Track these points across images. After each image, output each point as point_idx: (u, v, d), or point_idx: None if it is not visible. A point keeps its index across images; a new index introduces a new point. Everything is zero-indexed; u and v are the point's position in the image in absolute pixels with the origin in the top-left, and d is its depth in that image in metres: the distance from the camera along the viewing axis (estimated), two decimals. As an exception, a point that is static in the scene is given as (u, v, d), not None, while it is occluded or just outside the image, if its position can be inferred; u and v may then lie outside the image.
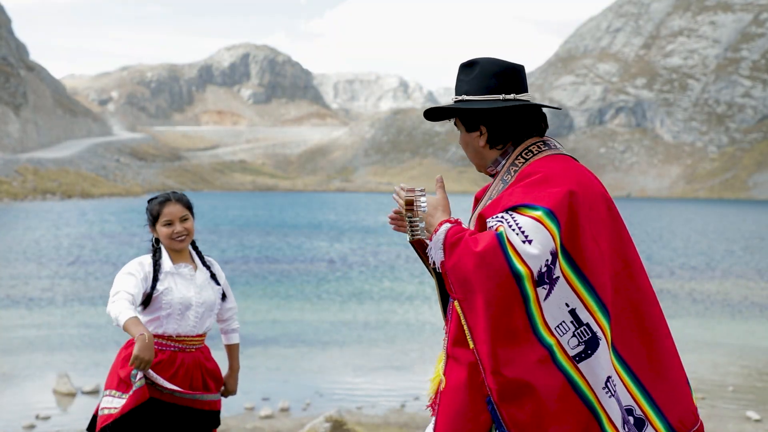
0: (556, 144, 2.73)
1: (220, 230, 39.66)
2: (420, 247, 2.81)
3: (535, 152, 2.66)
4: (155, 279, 4.01)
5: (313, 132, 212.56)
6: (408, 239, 2.78)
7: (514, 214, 2.49)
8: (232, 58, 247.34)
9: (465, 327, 2.54)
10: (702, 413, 8.32)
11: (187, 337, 4.08)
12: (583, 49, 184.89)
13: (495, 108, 2.65)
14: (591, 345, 2.51)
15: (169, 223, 4.07)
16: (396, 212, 2.82)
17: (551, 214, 2.47)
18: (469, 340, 2.54)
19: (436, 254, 2.58)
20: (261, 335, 13.28)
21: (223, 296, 4.27)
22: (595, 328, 2.52)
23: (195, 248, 4.27)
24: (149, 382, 3.91)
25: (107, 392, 4.00)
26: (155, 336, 4.03)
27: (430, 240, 2.63)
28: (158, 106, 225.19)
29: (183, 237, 4.09)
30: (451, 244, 2.53)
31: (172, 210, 4.07)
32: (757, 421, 8.49)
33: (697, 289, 20.17)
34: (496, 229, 2.50)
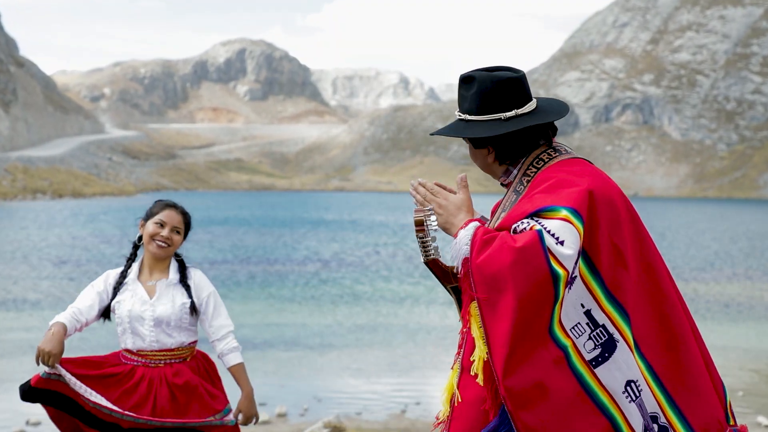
0: (567, 149, 2.76)
1: (216, 230, 40.00)
2: (436, 268, 2.73)
3: (546, 160, 2.69)
4: (116, 290, 4.05)
5: (311, 130, 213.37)
6: (422, 260, 2.73)
7: (539, 219, 2.49)
8: (228, 53, 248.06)
9: (479, 330, 2.51)
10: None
11: (149, 351, 4.02)
12: (588, 45, 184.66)
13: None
14: (608, 348, 2.51)
15: (161, 225, 4.05)
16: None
17: (576, 212, 2.48)
18: (481, 344, 2.50)
19: (461, 251, 2.55)
20: (257, 338, 13.09)
21: (195, 310, 4.15)
22: (612, 329, 2.51)
23: (179, 260, 4.17)
24: (61, 379, 3.90)
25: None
26: (124, 350, 4.06)
27: (455, 237, 2.59)
28: (152, 103, 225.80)
29: (164, 245, 4.04)
30: (484, 240, 2.50)
31: (172, 215, 4.07)
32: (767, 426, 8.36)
33: (705, 291, 20.00)
34: (531, 228, 2.48)
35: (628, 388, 2.49)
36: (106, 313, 4.06)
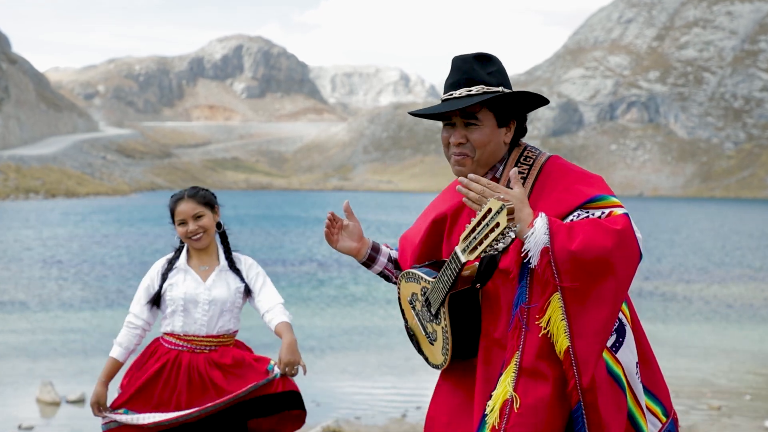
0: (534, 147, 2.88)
1: (211, 231, 40.62)
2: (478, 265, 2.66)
3: (533, 156, 2.75)
4: (164, 277, 4.12)
5: (309, 128, 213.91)
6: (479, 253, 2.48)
7: (596, 209, 2.55)
8: (225, 50, 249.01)
9: (561, 321, 2.47)
10: (718, 423, 8.47)
11: (196, 336, 4.07)
12: (593, 41, 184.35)
13: (532, 102, 2.77)
14: (621, 333, 2.58)
15: (183, 223, 4.09)
16: (331, 218, 3.04)
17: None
18: (564, 338, 2.46)
19: (539, 240, 2.47)
20: (254, 341, 13.79)
21: (249, 292, 4.28)
22: (621, 315, 2.59)
23: (225, 243, 4.27)
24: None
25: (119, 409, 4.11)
26: (165, 334, 4.14)
27: (530, 226, 2.49)
28: (147, 101, 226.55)
29: (198, 236, 4.09)
30: (569, 227, 2.48)
31: (184, 208, 4.09)
32: (775, 431, 8.39)
33: (712, 293, 20.13)
34: (610, 214, 2.52)
35: (638, 367, 2.60)
36: (156, 301, 4.09)
